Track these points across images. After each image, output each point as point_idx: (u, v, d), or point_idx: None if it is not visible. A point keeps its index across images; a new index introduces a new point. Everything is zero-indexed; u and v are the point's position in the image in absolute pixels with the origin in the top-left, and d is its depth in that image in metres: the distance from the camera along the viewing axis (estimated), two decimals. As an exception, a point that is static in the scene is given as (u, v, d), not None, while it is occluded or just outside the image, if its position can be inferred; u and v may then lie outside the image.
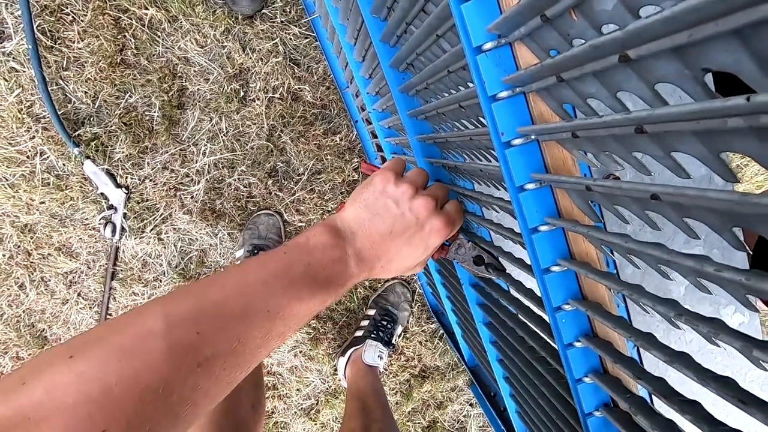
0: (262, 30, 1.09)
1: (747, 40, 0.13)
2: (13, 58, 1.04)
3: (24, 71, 1.05)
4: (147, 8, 1.04)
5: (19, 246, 1.16)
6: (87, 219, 1.16)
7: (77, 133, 1.09)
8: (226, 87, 1.10)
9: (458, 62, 0.38)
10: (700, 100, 0.17)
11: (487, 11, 0.28)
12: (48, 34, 1.03)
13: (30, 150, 1.09)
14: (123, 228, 1.16)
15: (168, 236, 1.18)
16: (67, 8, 1.03)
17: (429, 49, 0.44)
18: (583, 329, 0.36)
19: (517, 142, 0.31)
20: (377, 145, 1.08)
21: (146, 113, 1.11)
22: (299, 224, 1.21)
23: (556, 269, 0.34)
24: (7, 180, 1.10)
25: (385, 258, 0.42)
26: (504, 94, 0.30)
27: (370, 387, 1.09)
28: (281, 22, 1.09)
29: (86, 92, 1.07)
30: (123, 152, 1.11)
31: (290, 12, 1.09)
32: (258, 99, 1.12)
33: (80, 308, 1.22)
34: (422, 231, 0.42)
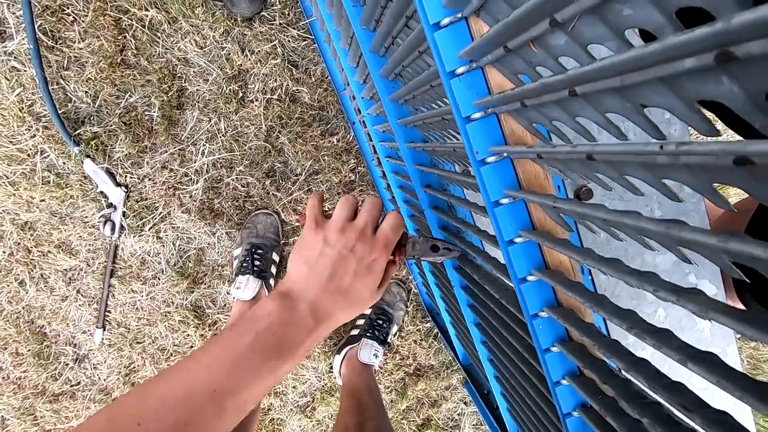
0: (261, 32, 1.10)
1: (672, 86, 0.15)
2: (15, 58, 1.05)
3: (25, 70, 1.06)
4: (147, 9, 1.05)
5: (19, 243, 1.18)
6: (86, 217, 1.18)
7: (77, 132, 1.10)
8: (225, 88, 1.11)
9: (437, 79, 0.39)
10: (647, 130, 0.19)
11: (459, 38, 0.29)
12: (49, 34, 1.05)
13: (30, 148, 1.11)
14: (122, 226, 1.18)
15: (167, 235, 1.19)
16: (68, 9, 1.04)
17: (414, 62, 0.45)
18: (548, 299, 0.37)
19: (491, 160, 0.32)
20: (374, 147, 1.09)
21: (146, 113, 1.12)
22: (296, 224, 1.23)
23: (519, 240, 0.36)
24: (8, 178, 1.12)
25: (340, 299, 0.43)
26: (477, 115, 0.31)
27: (365, 385, 1.10)
28: (280, 25, 1.10)
29: (86, 92, 1.09)
30: (123, 151, 1.12)
31: (289, 14, 1.11)
32: (256, 100, 1.13)
33: (79, 305, 1.23)
34: (362, 261, 0.43)
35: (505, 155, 0.32)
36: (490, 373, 0.77)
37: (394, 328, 1.29)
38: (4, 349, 1.25)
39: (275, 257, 1.19)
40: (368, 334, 1.24)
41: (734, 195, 1.33)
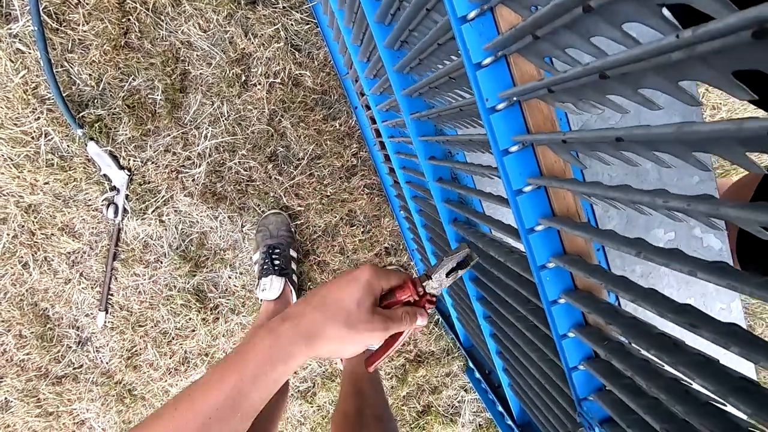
0: (264, 15, 1.10)
1: None
2: (19, 40, 1.06)
3: (29, 53, 1.07)
4: (151, -8, 1.05)
5: (23, 226, 1.18)
6: (90, 200, 1.18)
7: (81, 115, 1.11)
8: (228, 71, 1.12)
9: (446, 35, 0.39)
10: (665, 33, 0.19)
11: None
12: (53, 17, 1.05)
13: (35, 131, 1.11)
14: (125, 209, 1.18)
15: (169, 218, 1.20)
16: (73, -9, 1.05)
17: (421, 24, 0.45)
18: (555, 250, 0.37)
19: (501, 107, 0.33)
20: (376, 131, 1.09)
21: (149, 96, 1.12)
22: (298, 208, 1.23)
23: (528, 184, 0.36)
24: (12, 160, 1.12)
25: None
26: (488, 61, 0.32)
27: (366, 372, 1.11)
28: (283, 8, 1.11)
29: (90, 74, 1.09)
30: (126, 134, 1.13)
31: (292, -2, 1.11)
32: (259, 84, 1.14)
33: (82, 288, 1.24)
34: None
35: (515, 99, 0.32)
36: (493, 349, 0.78)
37: (396, 314, 1.30)
38: (8, 332, 1.26)
39: (293, 253, 1.20)
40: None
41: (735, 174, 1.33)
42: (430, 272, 0.51)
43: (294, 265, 1.22)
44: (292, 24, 1.12)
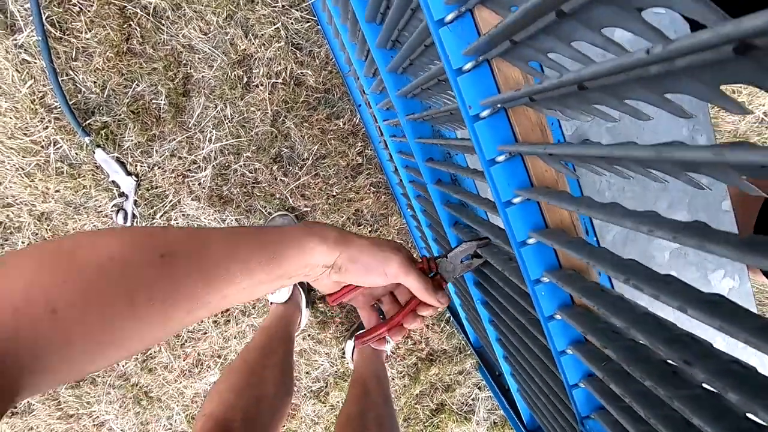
0: (264, 15, 1.09)
1: None
2: (25, 50, 1.07)
3: (35, 62, 1.08)
4: (150, -3, 1.05)
5: (37, 234, 1.21)
6: (100, 206, 1.20)
7: (88, 123, 1.11)
8: (230, 73, 1.11)
9: (429, 37, 0.37)
10: (649, 39, 0.17)
11: None
12: (57, 26, 1.06)
13: (44, 140, 1.13)
14: (134, 215, 1.19)
15: (177, 222, 1.21)
16: (74, -1, 1.05)
17: (409, 24, 0.43)
18: (550, 263, 0.35)
19: (485, 114, 0.31)
20: (380, 129, 1.07)
21: (153, 101, 1.13)
22: (305, 209, 1.22)
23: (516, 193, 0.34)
24: (24, 169, 1.14)
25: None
26: (468, 66, 0.30)
27: (373, 374, 1.10)
28: (282, 7, 1.09)
29: (95, 82, 1.10)
30: (132, 140, 1.13)
31: (291, -4, 1.09)
32: (261, 85, 1.13)
33: (96, 293, 1.26)
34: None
35: (500, 106, 0.30)
36: (500, 354, 0.76)
37: (406, 313, 1.28)
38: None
39: None
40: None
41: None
42: (447, 252, 0.49)
43: (302, 267, 1.21)
44: (292, 23, 1.11)
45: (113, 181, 1.17)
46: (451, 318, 1.32)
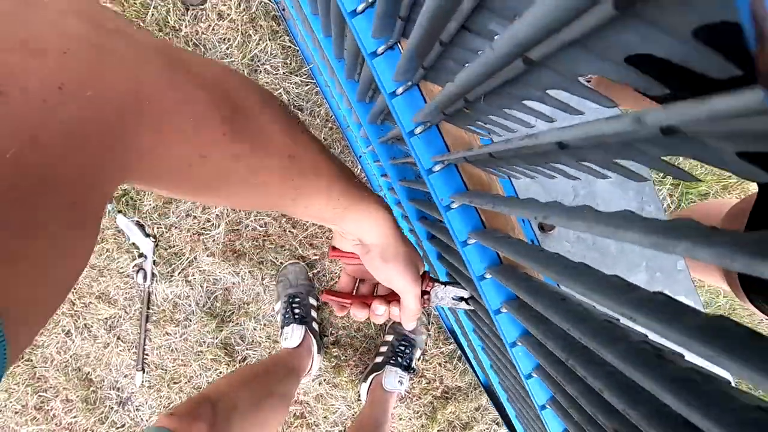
0: (266, 82, 1.18)
1: (588, 48, 0.16)
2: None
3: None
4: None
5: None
6: (122, 268, 1.27)
7: (109, 191, 1.20)
8: (238, 137, 1.19)
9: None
10: (590, 99, 0.20)
11: (393, 64, 0.35)
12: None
13: (69, 209, 1.22)
14: (153, 274, 1.26)
15: (195, 278, 1.27)
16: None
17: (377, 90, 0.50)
18: (508, 294, 0.39)
19: (437, 169, 0.37)
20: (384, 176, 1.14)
21: (168, 167, 1.21)
22: (313, 257, 1.28)
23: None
24: (52, 238, 1.23)
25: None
26: (419, 130, 0.36)
27: (374, 420, 1.14)
28: (283, 74, 1.19)
29: (115, 154, 1.19)
30: (150, 204, 1.22)
31: (291, 63, 1.19)
32: (267, 145, 1.21)
33: (120, 351, 1.32)
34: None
35: (446, 162, 0.36)
36: (486, 364, 0.78)
37: (418, 353, 1.31)
38: (56, 397, 1.34)
39: (313, 301, 1.25)
40: (391, 361, 1.26)
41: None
42: (445, 283, 0.52)
43: (314, 313, 1.26)
44: (293, 87, 1.20)
45: (133, 243, 1.25)
46: (462, 355, 1.34)
